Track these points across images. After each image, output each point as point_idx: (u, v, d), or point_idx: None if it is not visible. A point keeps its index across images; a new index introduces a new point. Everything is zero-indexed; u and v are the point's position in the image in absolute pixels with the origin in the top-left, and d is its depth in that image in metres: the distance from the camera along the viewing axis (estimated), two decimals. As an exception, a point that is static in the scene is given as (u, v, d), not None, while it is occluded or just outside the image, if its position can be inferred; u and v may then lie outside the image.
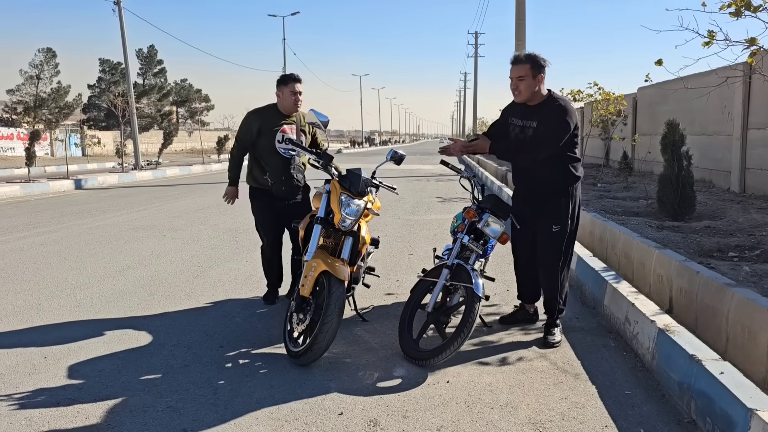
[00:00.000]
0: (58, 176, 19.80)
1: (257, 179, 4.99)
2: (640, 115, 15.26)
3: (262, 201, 5.03)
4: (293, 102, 4.91)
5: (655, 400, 3.35)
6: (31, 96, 42.00)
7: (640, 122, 15.20)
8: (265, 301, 5.21)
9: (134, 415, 3.17)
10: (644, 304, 4.16)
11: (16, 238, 8.57)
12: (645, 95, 14.95)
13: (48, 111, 41.88)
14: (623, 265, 5.89)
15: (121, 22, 25.02)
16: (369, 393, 3.45)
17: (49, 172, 23.90)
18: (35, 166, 18.58)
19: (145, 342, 4.27)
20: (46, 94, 42.40)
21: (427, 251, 7.29)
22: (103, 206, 12.72)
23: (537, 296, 4.61)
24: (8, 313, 4.95)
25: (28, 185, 16.27)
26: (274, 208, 5.00)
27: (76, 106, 45.76)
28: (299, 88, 4.93)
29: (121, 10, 24.95)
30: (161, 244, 7.97)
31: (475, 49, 53.99)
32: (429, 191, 15.48)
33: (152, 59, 53.40)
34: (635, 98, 15.41)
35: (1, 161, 32.60)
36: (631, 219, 7.17)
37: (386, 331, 4.46)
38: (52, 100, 42.47)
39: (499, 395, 3.42)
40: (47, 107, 41.99)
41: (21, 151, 28.05)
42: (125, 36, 25.16)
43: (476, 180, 4.52)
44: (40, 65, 42.52)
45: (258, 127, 4.90)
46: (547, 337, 4.23)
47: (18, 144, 37.15)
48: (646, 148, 12.94)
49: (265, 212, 5.06)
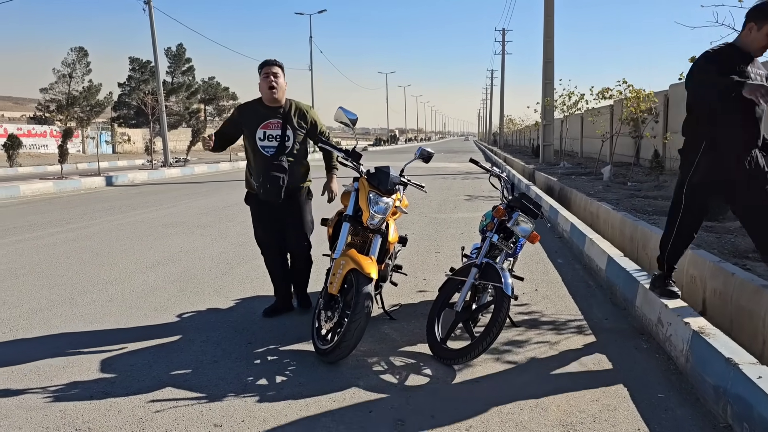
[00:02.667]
0: (90, 173, 20.17)
1: (249, 182, 4.69)
2: (672, 112, 14.98)
3: (254, 203, 4.71)
4: (267, 86, 4.42)
5: (689, 403, 3.28)
6: (63, 94, 42.91)
7: (672, 120, 14.92)
8: (266, 313, 4.76)
9: (165, 409, 3.20)
10: (677, 305, 4.08)
11: (49, 234, 8.75)
12: (678, 92, 14.66)
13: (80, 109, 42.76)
14: (654, 266, 5.77)
15: (151, 21, 25.38)
16: (397, 392, 3.44)
17: (80, 169, 24.34)
18: (67, 163, 18.95)
19: (175, 337, 4.33)
20: (78, 93, 43.28)
21: (453, 249, 7.26)
22: (134, 203, 12.92)
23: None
24: (43, 307, 5.05)
25: (61, 182, 16.61)
26: (264, 212, 4.65)
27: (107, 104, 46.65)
28: (274, 70, 4.45)
29: (152, 10, 25.30)
30: (190, 241, 8.06)
31: (502, 46, 53.57)
32: (455, 189, 15.41)
33: (181, 57, 54.13)
34: (667, 95, 15.13)
35: (34, 158, 33.33)
36: (662, 219, 7.03)
37: (414, 329, 4.45)
38: (84, 99, 43.33)
39: (529, 396, 3.38)
40: (79, 105, 42.86)
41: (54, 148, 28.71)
42: (155, 35, 25.51)
43: (506, 178, 4.48)
44: (73, 64, 43.42)
45: (242, 122, 4.58)
46: None
47: (51, 141, 37.97)
48: (678, 146, 12.70)
49: (257, 213, 4.72)
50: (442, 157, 33.97)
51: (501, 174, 4.49)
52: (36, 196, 14.74)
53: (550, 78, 21.52)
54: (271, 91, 4.43)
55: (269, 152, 4.46)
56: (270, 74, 4.43)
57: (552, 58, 21.56)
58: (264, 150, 4.47)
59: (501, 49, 53.71)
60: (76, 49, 43.66)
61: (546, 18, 21.56)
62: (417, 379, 3.62)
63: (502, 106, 57.53)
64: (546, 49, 21.59)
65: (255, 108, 4.57)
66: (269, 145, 4.48)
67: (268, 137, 4.47)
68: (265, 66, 4.49)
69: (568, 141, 27.41)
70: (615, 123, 16.21)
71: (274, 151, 4.47)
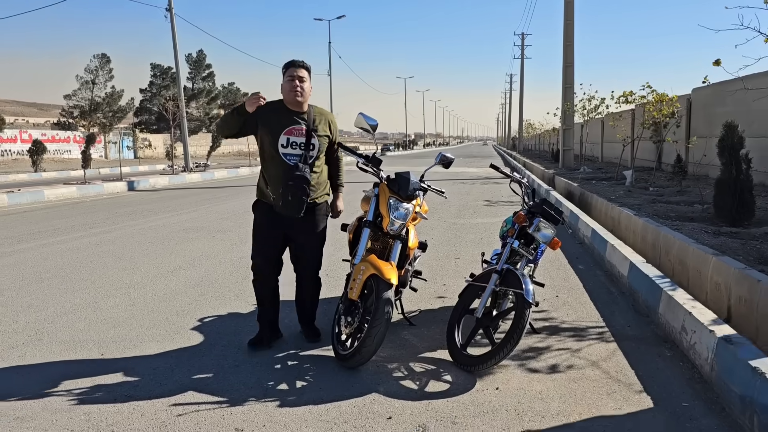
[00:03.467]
0: (112, 178, 20.45)
1: (262, 190, 4.20)
2: (694, 116, 14.80)
3: (264, 214, 4.19)
4: (291, 89, 4.02)
5: (714, 413, 3.23)
6: (86, 100, 43.54)
7: (694, 124, 14.75)
8: (252, 345, 4.19)
9: (187, 413, 3.23)
10: (702, 312, 4.02)
11: (73, 238, 8.88)
12: (700, 96, 14.51)
13: (102, 115, 43.37)
14: (678, 272, 5.71)
15: (172, 28, 25.69)
16: (417, 398, 3.43)
17: (103, 174, 24.69)
18: (90, 168, 19.24)
19: (197, 341, 4.36)
20: (101, 99, 43.88)
21: (473, 255, 7.24)
22: (155, 207, 13.06)
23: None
24: (67, 311, 5.12)
25: (84, 187, 16.86)
26: (275, 224, 4.15)
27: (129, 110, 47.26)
28: (300, 74, 4.04)
29: (173, 17, 25.62)
30: (211, 245, 8.13)
31: (521, 50, 53.41)
32: (475, 194, 15.36)
33: (201, 63, 54.66)
34: (690, 99, 14.96)
35: (58, 163, 33.90)
36: (685, 224, 6.96)
37: (434, 335, 4.44)
38: (107, 105, 43.93)
39: (550, 404, 3.35)
40: (101, 111, 43.46)
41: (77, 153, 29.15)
42: (176, 41, 25.82)
43: (526, 184, 4.46)
44: (96, 71, 44.04)
45: (259, 122, 4.09)
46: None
47: (74, 147, 38.55)
48: (701, 150, 12.52)
49: (264, 227, 4.19)
50: (461, 161, 33.88)
51: (522, 179, 4.47)
52: (60, 201, 14.98)
53: (570, 82, 21.38)
54: (295, 96, 4.04)
55: (292, 161, 4.05)
56: (296, 78, 4.03)
57: (572, 62, 21.43)
58: (286, 158, 4.04)
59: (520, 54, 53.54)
60: (99, 56, 44.30)
61: (566, 22, 21.44)
62: (437, 385, 3.61)
63: (521, 111, 57.29)
64: (566, 53, 21.47)
65: (278, 110, 4.09)
66: (292, 153, 4.06)
67: (292, 144, 4.05)
68: (291, 67, 4.07)
69: (588, 145, 27.16)
70: (636, 127, 16.04)
71: (298, 159, 4.06)
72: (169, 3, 25.45)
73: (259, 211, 4.25)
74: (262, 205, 4.23)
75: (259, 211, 4.25)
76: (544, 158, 32.89)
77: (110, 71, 44.67)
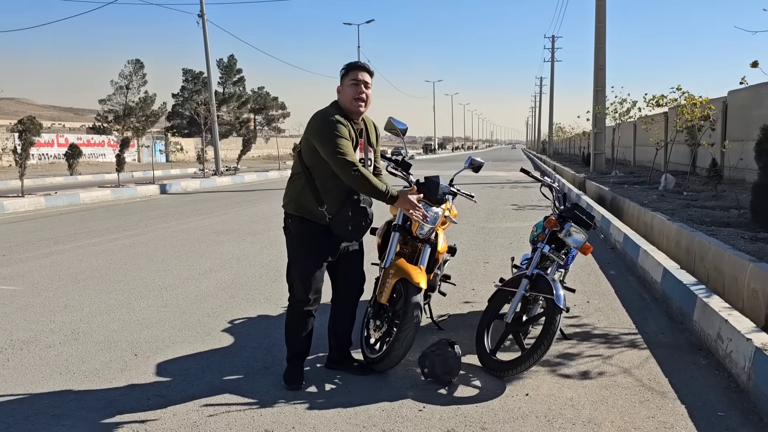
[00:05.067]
0: (145, 181, 20.83)
1: (309, 209, 3.56)
2: (730, 120, 14.48)
3: (318, 239, 3.59)
4: (356, 95, 3.54)
5: (751, 423, 3.15)
6: (120, 105, 44.49)
7: (730, 127, 14.43)
8: (289, 385, 3.60)
9: (218, 414, 3.27)
10: (738, 320, 3.92)
11: (107, 240, 9.07)
12: (736, 99, 14.19)
13: (135, 119, 44.28)
14: (713, 279, 5.59)
15: (204, 33, 26.10)
16: (446, 402, 3.42)
17: (136, 177, 25.15)
18: (124, 171, 19.62)
19: (227, 343, 4.41)
20: (134, 103, 44.80)
21: (502, 260, 7.19)
22: (187, 210, 13.27)
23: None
24: (101, 311, 5.23)
25: (118, 190, 17.21)
26: (331, 248, 3.65)
27: (161, 114, 48.20)
28: (366, 78, 3.59)
29: (205, 23, 26.03)
30: (241, 248, 8.22)
31: (551, 52, 52.89)
32: (504, 198, 15.26)
33: (232, 68, 55.44)
34: (725, 102, 14.65)
35: (93, 167, 34.65)
36: (721, 230, 6.81)
37: (462, 340, 4.41)
38: (140, 109, 44.85)
39: (581, 411, 3.31)
40: (135, 116, 44.37)
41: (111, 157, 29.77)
42: (208, 47, 26.21)
43: (557, 188, 4.42)
44: (130, 76, 45.01)
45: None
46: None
47: (108, 151, 39.41)
48: (737, 154, 12.25)
49: (322, 255, 3.63)
50: (490, 165, 33.68)
51: (553, 184, 4.43)
52: (95, 204, 15.32)
53: (601, 85, 21.11)
54: (359, 105, 3.58)
55: None
56: (361, 83, 3.57)
57: (604, 64, 21.16)
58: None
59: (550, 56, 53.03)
60: (133, 62, 45.28)
61: (597, 24, 21.20)
62: (466, 390, 3.59)
63: (551, 114, 56.73)
64: (597, 55, 21.20)
65: (348, 123, 3.58)
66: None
67: (360, 161, 3.58)
68: (355, 69, 3.60)
69: (620, 149, 26.77)
70: (670, 131, 15.76)
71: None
72: (201, 9, 25.89)
73: (305, 231, 3.59)
74: (310, 225, 3.58)
75: (305, 231, 3.59)
76: (575, 162, 32.51)
77: (143, 76, 45.62)
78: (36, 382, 3.70)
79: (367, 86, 3.59)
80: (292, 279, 3.66)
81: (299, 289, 3.63)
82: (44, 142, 35.19)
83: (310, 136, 3.55)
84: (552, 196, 4.44)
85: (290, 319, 3.71)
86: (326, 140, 3.45)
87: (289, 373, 3.66)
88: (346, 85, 3.58)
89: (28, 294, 5.83)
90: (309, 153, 3.58)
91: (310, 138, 3.55)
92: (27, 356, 4.16)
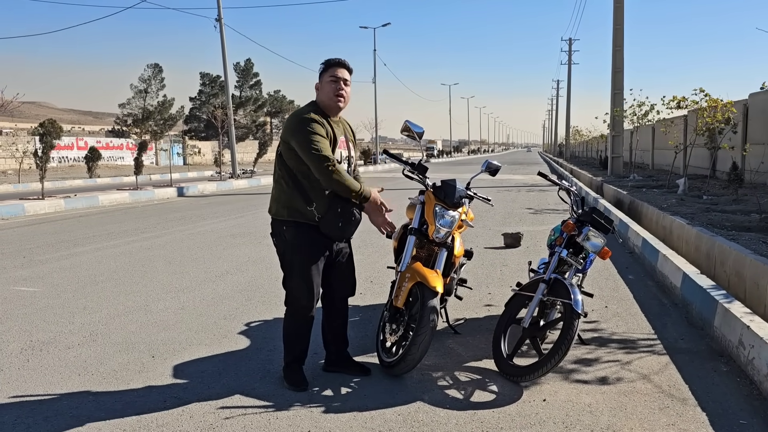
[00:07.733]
0: (162, 184, 21.01)
1: (300, 210, 3.55)
2: (752, 122, 14.28)
3: (314, 240, 3.58)
4: (334, 92, 3.54)
5: (775, 432, 3.09)
6: (139, 109, 44.94)
7: (751, 130, 14.23)
8: (296, 387, 3.63)
9: (235, 416, 3.28)
10: (761, 327, 3.85)
11: (125, 242, 9.15)
12: (758, 102, 14.00)
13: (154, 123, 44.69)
14: (734, 284, 5.50)
15: (221, 38, 26.29)
16: (462, 407, 3.39)
17: (154, 180, 25.39)
18: (142, 174, 19.81)
19: (243, 346, 4.42)
20: (153, 107, 45.23)
21: (519, 264, 7.14)
22: (203, 213, 13.35)
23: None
24: (120, 313, 5.27)
25: (136, 192, 17.37)
26: (326, 247, 3.65)
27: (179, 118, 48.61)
28: (345, 76, 3.59)
29: (222, 27, 26.21)
30: (257, 251, 8.25)
31: (568, 55, 52.59)
32: (520, 202, 15.18)
33: (248, 72, 55.80)
34: (746, 105, 14.45)
35: (112, 170, 35.05)
36: (742, 234, 6.71)
37: (479, 344, 4.39)
38: (158, 113, 45.28)
39: (599, 417, 3.27)
40: (153, 119, 44.79)
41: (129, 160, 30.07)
42: (225, 51, 26.39)
43: (575, 192, 4.38)
44: (148, 80, 45.45)
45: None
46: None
47: (127, 154, 39.83)
48: (759, 158, 12.07)
49: (320, 256, 3.63)
50: (507, 168, 33.54)
51: (570, 188, 4.39)
52: (113, 206, 15.48)
53: (619, 88, 20.94)
54: (338, 102, 3.59)
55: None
56: (340, 80, 3.58)
57: (621, 67, 21.00)
58: None
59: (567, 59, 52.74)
60: (152, 66, 45.70)
61: (615, 27, 21.05)
62: (483, 395, 3.57)
63: (568, 117, 56.41)
64: (615, 58, 21.05)
65: (326, 120, 3.59)
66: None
67: (343, 159, 3.67)
68: (334, 66, 3.61)
69: (638, 152, 26.53)
70: (689, 134, 15.58)
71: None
72: (218, 13, 26.06)
73: (300, 235, 3.57)
74: (304, 228, 3.56)
75: (300, 235, 3.57)
76: (592, 165, 32.27)
77: (162, 80, 46.03)
78: (55, 383, 3.74)
79: (346, 83, 3.60)
80: (293, 285, 3.68)
81: (302, 294, 3.65)
82: (64, 145, 35.64)
83: (287, 137, 3.54)
84: (570, 200, 4.40)
85: (293, 324, 3.74)
86: (301, 138, 3.44)
87: (294, 377, 3.70)
88: (325, 81, 3.59)
89: (48, 295, 5.90)
90: (288, 154, 3.57)
91: (287, 139, 3.54)
92: (46, 357, 4.21)
